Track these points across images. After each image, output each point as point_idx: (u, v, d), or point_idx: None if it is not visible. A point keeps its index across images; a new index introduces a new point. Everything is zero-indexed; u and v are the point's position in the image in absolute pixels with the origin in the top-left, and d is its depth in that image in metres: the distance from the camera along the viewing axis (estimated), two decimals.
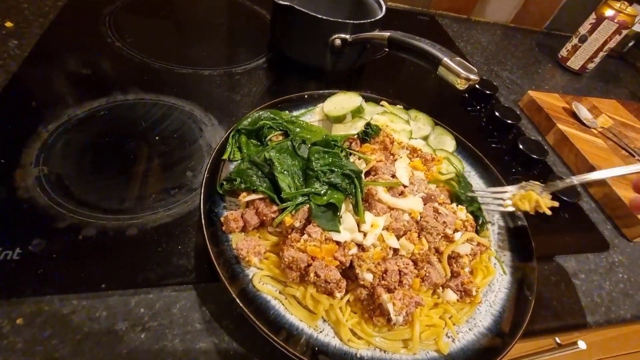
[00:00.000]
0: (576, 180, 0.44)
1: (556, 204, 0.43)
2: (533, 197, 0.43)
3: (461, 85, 0.48)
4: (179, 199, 0.43)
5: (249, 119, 0.47)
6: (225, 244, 0.36)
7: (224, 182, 0.40)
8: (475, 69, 0.49)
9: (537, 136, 0.73)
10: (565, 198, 0.55)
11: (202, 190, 0.39)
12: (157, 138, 0.49)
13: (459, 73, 0.47)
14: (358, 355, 0.32)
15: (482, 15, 1.14)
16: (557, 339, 0.60)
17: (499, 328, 0.36)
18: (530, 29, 1.20)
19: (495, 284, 0.41)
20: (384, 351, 0.33)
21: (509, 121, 0.67)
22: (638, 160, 0.68)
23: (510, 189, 0.46)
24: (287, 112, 0.52)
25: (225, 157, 0.44)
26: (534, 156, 0.61)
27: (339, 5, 0.77)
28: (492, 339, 0.35)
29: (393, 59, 0.81)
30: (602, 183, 0.61)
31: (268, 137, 0.45)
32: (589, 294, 0.48)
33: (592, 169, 0.63)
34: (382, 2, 0.69)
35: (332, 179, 0.37)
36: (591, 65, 0.99)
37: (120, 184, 0.43)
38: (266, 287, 0.35)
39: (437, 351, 0.34)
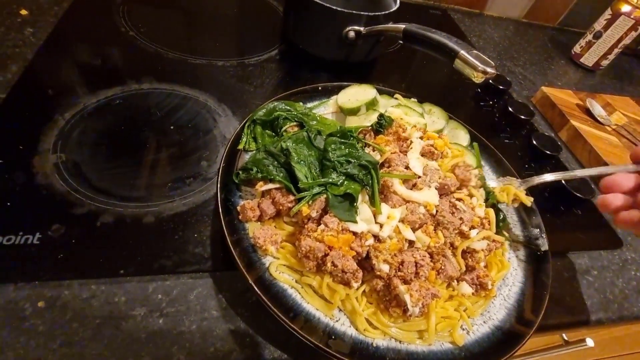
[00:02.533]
0: (549, 177, 0.46)
1: (531, 199, 0.46)
2: (511, 190, 0.45)
3: (478, 78, 0.48)
4: (194, 187, 0.44)
5: (264, 110, 0.47)
6: (242, 233, 0.37)
7: (240, 172, 0.40)
8: (492, 63, 0.48)
9: (550, 132, 0.72)
10: (578, 194, 0.54)
11: (219, 179, 0.39)
12: (171, 127, 0.49)
13: (476, 66, 0.47)
14: (374, 345, 0.32)
15: (495, 10, 1.12)
16: (564, 335, 0.60)
17: (513, 322, 0.36)
18: (544, 24, 1.18)
19: (509, 278, 0.41)
20: (400, 341, 0.33)
21: (523, 117, 0.66)
22: None
23: (492, 183, 0.48)
24: (301, 103, 0.52)
25: (240, 147, 0.44)
26: (548, 152, 0.60)
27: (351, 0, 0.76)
28: (507, 332, 0.35)
29: (405, 53, 0.80)
30: None
31: (283, 128, 0.45)
32: (601, 290, 0.48)
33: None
34: None
35: (349, 170, 0.37)
36: (605, 62, 0.98)
37: (136, 172, 0.43)
38: (283, 276, 0.35)
39: (452, 343, 0.34)
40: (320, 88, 0.55)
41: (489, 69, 0.47)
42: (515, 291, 0.39)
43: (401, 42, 0.58)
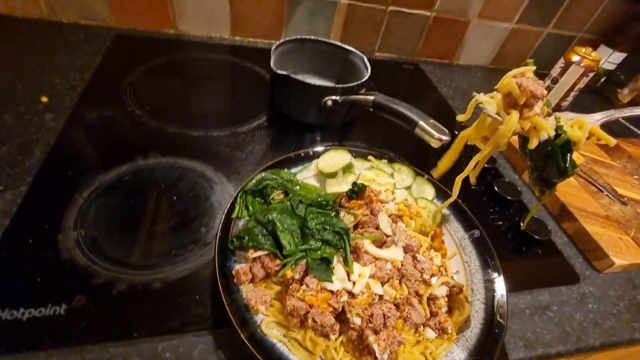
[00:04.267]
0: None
1: (613, 140, 0.40)
2: (585, 124, 0.40)
3: (435, 144, 0.56)
4: (194, 253, 0.50)
5: (254, 180, 0.55)
6: (236, 294, 0.43)
7: (234, 239, 0.47)
8: (446, 131, 0.57)
9: (514, 175, 0.80)
10: (536, 236, 0.61)
11: (216, 248, 0.46)
12: (174, 198, 0.57)
13: (433, 134, 0.56)
14: None
15: (464, 59, 1.25)
16: None
17: None
18: (509, 69, 1.30)
19: (471, 321, 0.47)
20: None
21: (485, 165, 0.74)
22: (606, 195, 0.75)
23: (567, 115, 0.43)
24: (286, 169, 0.60)
25: (234, 215, 0.51)
26: (508, 197, 0.68)
27: (329, 66, 0.87)
28: None
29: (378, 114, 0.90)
30: (573, 219, 0.68)
31: (271, 196, 0.53)
32: (561, 324, 0.54)
33: (563, 206, 0.69)
34: (368, 64, 0.79)
35: (324, 236, 0.44)
36: (565, 104, 1.08)
37: (145, 241, 0.50)
38: (272, 332, 0.41)
39: None
40: (302, 154, 0.63)
41: (443, 137, 0.56)
42: (475, 332, 0.45)
43: (371, 110, 0.67)
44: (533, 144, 0.40)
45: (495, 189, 0.69)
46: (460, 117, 0.47)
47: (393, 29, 1.10)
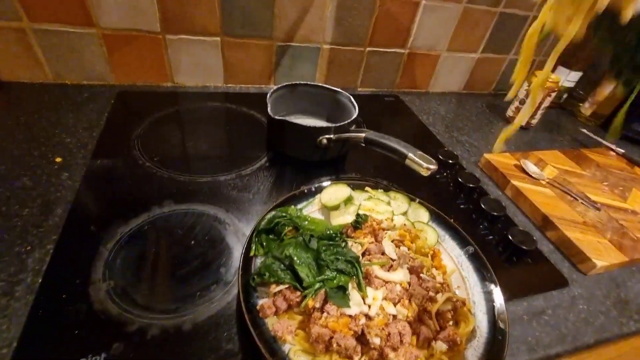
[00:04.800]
0: None
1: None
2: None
3: (424, 172, 0.63)
4: (217, 293, 0.54)
5: (265, 220, 0.60)
6: (263, 327, 0.47)
7: (255, 277, 0.51)
8: (433, 160, 0.64)
9: (498, 191, 0.88)
10: (524, 247, 0.68)
11: (240, 286, 0.50)
12: (192, 242, 0.61)
13: (422, 164, 0.63)
14: None
15: (438, 87, 1.36)
16: None
17: None
18: (480, 92, 1.42)
19: (476, 331, 0.51)
20: None
21: (470, 185, 0.82)
22: (581, 203, 0.82)
23: None
24: (292, 206, 0.65)
25: (251, 254, 0.56)
26: (495, 214, 0.74)
27: (319, 106, 0.96)
28: None
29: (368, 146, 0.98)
30: (554, 228, 0.75)
31: (283, 233, 0.58)
32: (557, 327, 0.59)
33: (545, 216, 0.77)
34: (355, 103, 0.88)
35: (338, 266, 0.49)
36: (534, 121, 1.19)
37: (171, 286, 0.54)
38: (300, 359, 0.45)
39: None
40: (305, 191, 0.69)
41: (431, 166, 0.62)
42: (482, 342, 0.50)
43: (363, 145, 0.75)
44: (627, 15, 0.31)
45: (482, 206, 0.75)
46: (509, 96, 0.42)
47: (372, 66, 1.21)
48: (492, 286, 0.57)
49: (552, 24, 0.35)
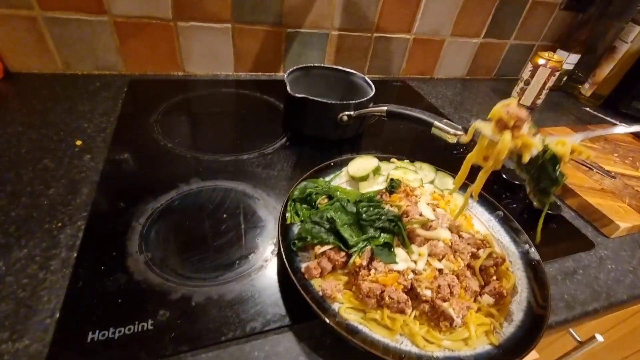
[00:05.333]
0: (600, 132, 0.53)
1: (591, 153, 0.46)
2: (567, 142, 0.45)
3: (452, 139, 0.64)
4: (256, 260, 0.54)
5: (298, 190, 0.60)
6: (310, 288, 0.47)
7: (296, 241, 0.51)
8: (459, 127, 0.65)
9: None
10: (549, 212, 0.68)
11: (282, 250, 0.50)
12: (224, 215, 0.61)
13: (449, 131, 0.63)
14: (434, 357, 0.41)
15: (442, 73, 1.38)
16: (574, 334, 0.69)
17: (530, 318, 0.47)
18: (483, 78, 1.45)
19: (517, 286, 0.52)
20: (452, 350, 0.43)
21: None
22: (597, 172, 0.84)
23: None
24: (321, 179, 0.65)
25: (288, 221, 0.55)
26: (516, 182, 0.75)
27: (332, 89, 0.96)
28: (527, 328, 0.46)
29: (380, 122, 0.99)
30: (575, 195, 0.76)
31: (317, 201, 0.58)
32: (589, 285, 0.60)
33: (564, 185, 0.78)
34: (371, 83, 0.88)
35: (380, 225, 0.50)
36: (539, 101, 1.21)
37: (210, 256, 0.53)
38: (351, 316, 0.44)
39: (491, 344, 0.44)
40: (332, 164, 0.69)
41: (459, 132, 0.63)
42: (524, 296, 0.50)
43: (386, 118, 0.75)
44: (526, 158, 0.46)
45: (503, 176, 0.76)
46: (463, 140, 0.53)
47: (379, 52, 1.22)
48: (527, 246, 0.58)
49: (475, 159, 0.51)
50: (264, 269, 0.53)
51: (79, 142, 0.73)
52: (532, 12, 1.31)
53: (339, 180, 0.68)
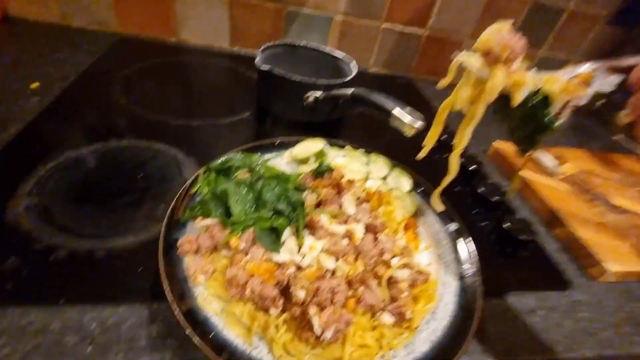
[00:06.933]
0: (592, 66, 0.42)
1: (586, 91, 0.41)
2: (558, 78, 0.40)
3: (408, 131, 0.54)
4: (148, 228, 0.48)
5: (221, 160, 0.53)
6: (178, 266, 0.40)
7: (187, 211, 0.45)
8: (422, 116, 0.55)
9: (503, 183, 0.76)
10: (521, 236, 0.57)
11: (166, 218, 0.43)
12: (140, 176, 0.56)
13: (405, 123, 0.54)
14: None
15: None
16: None
17: (436, 354, 0.37)
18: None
19: (439, 313, 0.42)
20: None
21: (470, 167, 0.71)
22: (602, 205, 0.70)
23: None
24: (258, 154, 0.58)
25: (193, 191, 0.49)
26: (493, 199, 0.64)
27: (318, 73, 0.88)
28: None
29: (372, 113, 0.90)
30: (563, 225, 0.63)
31: (235, 174, 0.51)
32: (546, 331, 0.48)
33: (551, 212, 0.65)
34: (355, 66, 0.80)
35: (277, 207, 0.42)
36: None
37: (100, 213, 0.49)
38: (210, 305, 0.37)
39: None
40: (277, 143, 0.62)
41: (417, 124, 0.54)
42: (444, 325, 0.40)
43: (352, 103, 0.67)
44: (517, 99, 0.38)
45: (478, 190, 0.65)
46: (442, 83, 0.45)
47: (387, 45, 1.13)
48: (471, 268, 0.47)
49: (459, 103, 0.44)
50: (152, 237, 0.46)
51: (34, 85, 0.72)
52: (570, 22, 1.15)
53: (280, 160, 0.60)
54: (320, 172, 0.50)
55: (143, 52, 0.94)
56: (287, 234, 0.41)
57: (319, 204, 0.46)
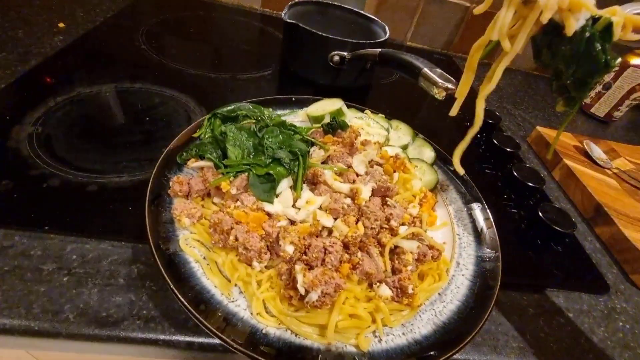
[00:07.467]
0: None
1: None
2: (618, 9, 0.31)
3: (439, 94, 0.48)
4: (146, 169, 0.45)
5: (229, 107, 0.50)
6: (166, 207, 0.37)
7: (184, 153, 0.42)
8: (453, 80, 0.48)
9: (543, 171, 0.68)
10: (557, 228, 0.49)
11: (162, 157, 0.41)
12: (147, 119, 0.53)
13: (437, 82, 0.48)
14: (263, 332, 0.29)
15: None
16: None
17: (437, 339, 0.32)
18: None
19: (447, 295, 0.36)
20: (295, 334, 0.30)
21: (508, 149, 0.63)
22: None
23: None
24: (271, 109, 0.54)
25: (196, 134, 0.46)
26: (529, 183, 0.56)
27: (349, 34, 0.82)
28: (425, 349, 0.31)
29: (400, 85, 0.83)
30: (609, 222, 0.55)
31: (241, 123, 0.47)
32: (574, 335, 0.41)
33: (598, 206, 0.57)
34: (387, 29, 0.73)
35: (277, 154, 0.38)
36: (617, 114, 0.93)
37: (100, 149, 0.47)
38: (192, 250, 0.34)
39: (356, 346, 0.30)
40: (293, 99, 0.58)
41: (449, 85, 0.47)
42: (450, 309, 0.35)
43: (379, 65, 0.61)
44: (571, 28, 0.31)
45: (514, 173, 0.57)
46: (479, 9, 0.38)
47: (428, 17, 1.04)
48: (491, 253, 0.41)
49: (497, 32, 0.35)
50: (147, 178, 0.44)
51: (61, 24, 0.71)
52: None
53: (293, 117, 0.56)
54: (332, 128, 0.46)
55: (175, 4, 0.91)
56: (284, 186, 0.36)
57: (325, 161, 0.42)
